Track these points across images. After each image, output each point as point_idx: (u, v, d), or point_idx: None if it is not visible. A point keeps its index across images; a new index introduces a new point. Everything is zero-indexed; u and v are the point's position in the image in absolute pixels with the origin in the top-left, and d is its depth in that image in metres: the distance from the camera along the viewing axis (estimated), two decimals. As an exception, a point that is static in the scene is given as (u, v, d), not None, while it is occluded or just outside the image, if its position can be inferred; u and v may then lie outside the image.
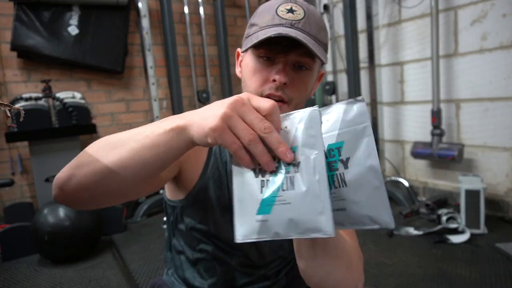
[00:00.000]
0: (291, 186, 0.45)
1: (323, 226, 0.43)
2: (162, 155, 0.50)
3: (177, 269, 0.85)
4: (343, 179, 0.45)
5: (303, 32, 0.63)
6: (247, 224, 0.46)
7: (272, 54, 0.65)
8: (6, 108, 0.57)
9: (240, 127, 0.45)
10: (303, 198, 0.45)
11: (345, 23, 2.79)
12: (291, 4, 0.66)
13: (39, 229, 1.91)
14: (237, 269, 0.80)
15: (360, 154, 0.45)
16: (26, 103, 2.29)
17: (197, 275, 0.82)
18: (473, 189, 2.03)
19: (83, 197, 0.53)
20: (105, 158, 0.51)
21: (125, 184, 0.52)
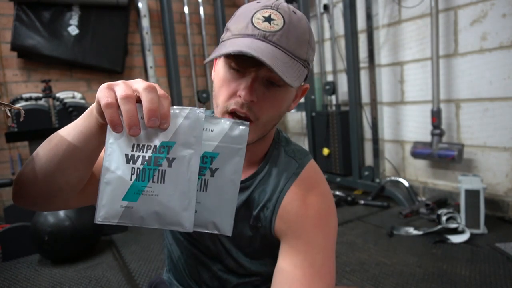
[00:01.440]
0: (161, 179, 0.48)
1: (185, 221, 0.48)
2: (81, 137, 0.52)
3: (171, 267, 0.86)
4: (206, 184, 0.50)
5: (276, 46, 0.58)
6: (111, 207, 0.48)
7: (241, 67, 0.60)
8: (6, 108, 0.57)
9: (121, 85, 0.47)
10: (171, 193, 0.48)
11: (345, 23, 2.79)
12: (270, 11, 0.59)
13: (39, 229, 1.91)
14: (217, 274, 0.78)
15: (228, 169, 0.51)
16: (26, 103, 2.29)
17: (184, 278, 0.82)
18: (473, 189, 2.03)
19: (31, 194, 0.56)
20: (42, 151, 0.55)
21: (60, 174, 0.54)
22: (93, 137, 0.52)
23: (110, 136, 0.49)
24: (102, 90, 0.47)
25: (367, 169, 2.87)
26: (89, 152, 0.54)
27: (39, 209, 0.62)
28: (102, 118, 0.49)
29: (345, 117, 2.98)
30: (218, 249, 0.76)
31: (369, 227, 2.26)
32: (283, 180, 0.70)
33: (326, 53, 3.35)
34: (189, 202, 0.48)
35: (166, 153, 0.48)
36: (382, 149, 2.97)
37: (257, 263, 0.77)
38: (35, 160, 0.55)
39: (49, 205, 0.60)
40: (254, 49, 0.55)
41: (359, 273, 1.71)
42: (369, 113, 2.94)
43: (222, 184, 0.51)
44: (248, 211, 0.71)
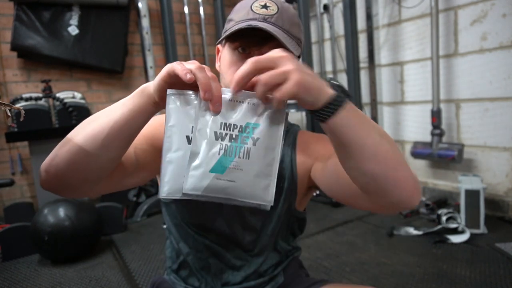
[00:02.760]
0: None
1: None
2: (130, 116, 0.55)
3: (174, 268, 0.85)
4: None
5: (275, 26, 0.66)
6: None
7: (246, 46, 0.68)
8: (6, 108, 0.57)
9: (190, 63, 0.53)
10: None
11: (345, 23, 2.79)
12: (265, 1, 0.69)
13: (39, 229, 1.91)
14: (230, 263, 0.80)
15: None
16: (26, 103, 2.29)
17: (192, 273, 0.82)
18: (473, 189, 2.03)
19: (67, 177, 0.57)
20: (81, 133, 0.56)
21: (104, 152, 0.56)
22: (141, 115, 0.56)
23: (171, 119, 0.54)
24: (173, 65, 0.52)
25: (367, 169, 2.87)
26: (136, 129, 0.58)
27: (67, 193, 0.61)
28: (160, 96, 0.54)
29: (345, 117, 2.98)
30: (234, 232, 0.79)
31: (369, 227, 2.26)
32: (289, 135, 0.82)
33: (326, 53, 3.35)
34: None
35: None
36: (382, 149, 2.96)
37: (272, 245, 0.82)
38: (74, 140, 0.56)
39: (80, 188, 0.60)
40: (257, 25, 0.63)
41: (359, 273, 1.71)
42: (369, 113, 2.94)
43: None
44: None
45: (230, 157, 0.52)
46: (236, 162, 0.52)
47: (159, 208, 2.75)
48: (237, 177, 0.52)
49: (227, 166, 0.52)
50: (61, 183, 0.58)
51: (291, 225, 0.85)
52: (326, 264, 1.80)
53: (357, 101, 2.84)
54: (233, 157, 0.52)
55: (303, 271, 0.90)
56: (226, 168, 0.52)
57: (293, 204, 0.81)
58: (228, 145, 0.53)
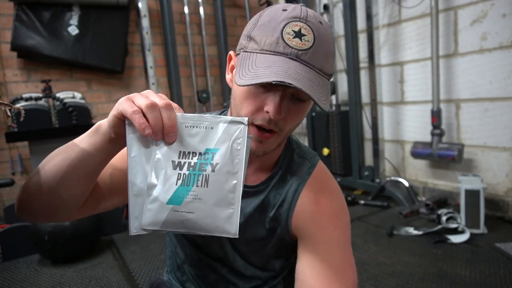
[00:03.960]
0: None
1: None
2: (85, 155, 0.55)
3: (173, 269, 0.85)
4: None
5: (308, 66, 0.57)
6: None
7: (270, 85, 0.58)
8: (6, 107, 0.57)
9: (141, 98, 0.50)
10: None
11: (345, 23, 2.79)
12: (300, 25, 0.57)
13: (39, 229, 1.91)
14: (226, 277, 0.78)
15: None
16: (26, 103, 2.29)
17: (188, 279, 0.82)
18: (473, 189, 2.03)
19: (34, 206, 0.59)
20: (43, 169, 0.56)
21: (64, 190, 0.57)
22: (97, 153, 0.55)
23: (132, 149, 0.51)
24: (122, 103, 0.50)
25: (367, 169, 2.87)
26: (93, 167, 0.57)
27: (42, 221, 0.66)
28: (115, 132, 0.52)
29: (345, 117, 2.98)
30: (226, 253, 0.76)
31: (369, 227, 2.26)
32: (297, 180, 0.72)
33: (326, 53, 3.35)
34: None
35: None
36: (382, 149, 2.96)
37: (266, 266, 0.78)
38: (39, 174, 0.57)
39: (52, 217, 0.62)
40: (291, 75, 0.54)
41: (359, 273, 1.70)
42: (369, 113, 2.94)
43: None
44: (263, 214, 0.72)
45: (188, 187, 0.49)
46: (194, 192, 0.49)
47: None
48: (196, 207, 0.49)
49: (185, 197, 0.49)
50: (33, 214, 0.61)
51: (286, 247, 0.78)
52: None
53: (357, 101, 2.85)
54: (191, 186, 0.49)
55: None
56: (183, 199, 0.49)
57: (287, 238, 0.74)
58: (186, 174, 0.49)
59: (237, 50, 0.66)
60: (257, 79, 0.55)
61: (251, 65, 0.58)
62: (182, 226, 0.49)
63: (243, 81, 0.56)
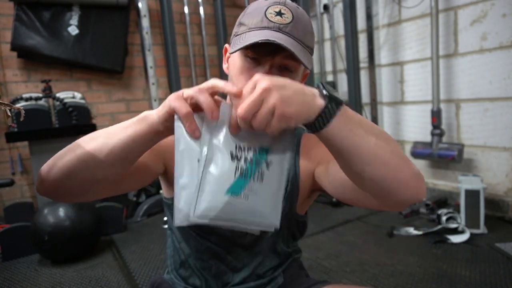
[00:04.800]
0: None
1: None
2: (130, 142, 0.57)
3: (175, 267, 0.85)
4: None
5: (290, 36, 0.65)
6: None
7: (258, 56, 0.66)
8: (6, 107, 0.58)
9: (192, 91, 0.53)
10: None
11: (345, 23, 2.79)
12: (280, 7, 0.67)
13: (39, 229, 1.91)
14: (231, 264, 0.80)
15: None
16: (26, 103, 2.29)
17: (193, 273, 0.82)
18: (473, 189, 2.03)
19: (64, 185, 0.59)
20: (82, 148, 0.58)
21: (98, 172, 0.58)
22: (142, 142, 0.58)
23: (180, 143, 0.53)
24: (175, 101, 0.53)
25: (367, 169, 2.87)
26: (135, 153, 0.59)
27: (67, 200, 0.65)
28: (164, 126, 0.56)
29: (345, 117, 2.98)
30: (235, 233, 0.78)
31: (369, 227, 2.26)
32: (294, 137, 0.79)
33: (326, 53, 3.35)
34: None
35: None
36: (382, 149, 2.96)
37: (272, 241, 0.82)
38: (73, 154, 0.57)
39: (79, 196, 0.63)
40: (275, 38, 0.62)
41: (359, 273, 1.71)
42: (369, 113, 2.94)
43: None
44: None
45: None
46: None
47: (159, 208, 2.75)
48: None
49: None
50: (58, 191, 0.61)
51: (291, 227, 0.85)
52: (326, 264, 1.80)
53: (357, 101, 2.85)
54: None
55: (303, 272, 0.90)
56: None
57: (294, 207, 0.81)
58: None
59: (230, 40, 0.74)
60: (245, 43, 0.63)
61: (241, 39, 0.66)
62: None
63: (234, 48, 0.66)
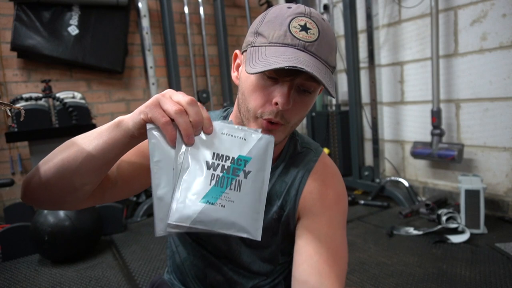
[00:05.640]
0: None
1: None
2: (105, 148, 0.56)
3: (174, 269, 0.85)
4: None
5: (315, 57, 0.60)
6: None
7: (278, 75, 0.61)
8: (6, 107, 0.58)
9: (169, 102, 0.51)
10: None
11: (345, 23, 2.79)
12: (305, 20, 0.61)
13: (39, 229, 1.91)
14: (228, 275, 0.78)
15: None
16: (26, 103, 2.29)
17: (188, 279, 0.82)
18: (473, 189, 2.03)
19: (44, 194, 0.59)
20: (58, 157, 0.57)
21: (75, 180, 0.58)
22: (117, 148, 0.56)
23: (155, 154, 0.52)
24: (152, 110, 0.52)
25: (367, 169, 2.87)
26: (110, 159, 0.58)
27: (49, 208, 0.65)
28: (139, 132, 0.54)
29: (345, 117, 2.98)
30: (231, 248, 0.76)
31: (369, 227, 2.26)
32: (304, 167, 0.75)
33: (326, 53, 3.35)
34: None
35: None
36: (382, 149, 2.96)
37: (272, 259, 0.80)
38: (52, 161, 0.58)
39: (60, 204, 0.63)
40: (301, 62, 0.57)
41: (359, 273, 1.71)
42: (369, 113, 2.94)
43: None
44: (270, 204, 0.74)
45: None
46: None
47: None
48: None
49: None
50: (39, 200, 0.61)
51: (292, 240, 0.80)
52: (326, 264, 1.80)
53: (357, 101, 2.85)
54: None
55: None
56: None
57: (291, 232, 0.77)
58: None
59: (243, 48, 0.68)
60: (269, 66, 0.56)
61: (261, 55, 0.60)
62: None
63: (254, 69, 0.58)
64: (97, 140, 0.56)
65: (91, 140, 0.56)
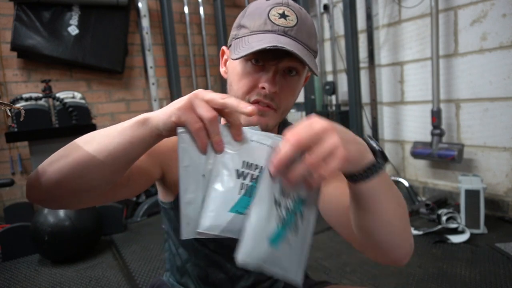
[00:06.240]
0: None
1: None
2: (128, 146, 0.52)
3: (173, 271, 0.85)
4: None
5: (295, 40, 0.62)
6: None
7: (262, 61, 0.63)
8: (6, 107, 0.57)
9: (204, 106, 0.48)
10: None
11: (345, 23, 2.79)
12: (283, 8, 0.64)
13: (39, 229, 1.91)
14: (230, 272, 0.79)
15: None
16: (26, 103, 2.29)
17: (190, 280, 0.81)
18: (473, 189, 2.03)
19: (55, 193, 0.54)
20: (75, 153, 0.53)
21: (94, 179, 0.54)
22: (142, 146, 0.53)
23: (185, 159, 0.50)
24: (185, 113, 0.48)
25: (367, 169, 2.87)
26: (133, 157, 0.54)
27: (57, 207, 0.61)
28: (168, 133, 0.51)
29: (345, 117, 2.98)
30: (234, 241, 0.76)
31: (369, 227, 2.26)
32: None
33: (326, 53, 3.35)
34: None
35: None
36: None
37: None
38: (65, 160, 0.53)
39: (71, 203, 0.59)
40: (280, 42, 0.59)
41: (359, 273, 1.71)
42: (369, 113, 2.94)
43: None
44: None
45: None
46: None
47: (159, 208, 2.75)
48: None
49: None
50: (48, 199, 0.57)
51: None
52: (326, 264, 1.80)
53: (357, 101, 2.84)
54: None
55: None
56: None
57: None
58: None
59: (228, 43, 0.70)
60: (252, 49, 0.59)
61: (244, 43, 0.63)
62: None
63: (238, 54, 0.61)
64: (120, 138, 0.52)
65: (113, 138, 0.52)
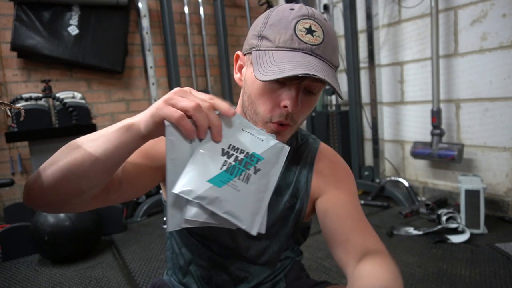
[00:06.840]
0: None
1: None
2: (114, 150, 0.54)
3: (175, 271, 0.85)
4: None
5: (322, 59, 0.61)
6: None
7: (286, 79, 0.61)
8: (6, 107, 0.58)
9: (183, 101, 0.50)
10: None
11: (345, 23, 2.79)
12: (310, 22, 0.61)
13: (39, 229, 1.91)
14: (234, 274, 0.79)
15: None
16: (26, 103, 2.29)
17: (193, 280, 0.81)
18: (473, 189, 2.03)
19: (48, 198, 0.57)
20: (64, 159, 0.55)
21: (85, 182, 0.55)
22: (127, 150, 0.55)
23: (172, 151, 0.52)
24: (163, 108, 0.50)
25: (367, 169, 2.87)
26: (119, 161, 0.56)
27: (53, 211, 0.62)
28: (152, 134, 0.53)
29: (345, 117, 2.98)
30: (238, 246, 0.77)
31: (369, 227, 2.26)
32: (308, 154, 0.79)
33: (326, 53, 3.35)
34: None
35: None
36: (382, 149, 2.96)
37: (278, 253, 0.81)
38: (55, 166, 0.55)
39: (65, 207, 0.60)
40: (311, 67, 0.58)
41: (359, 273, 1.71)
42: (369, 113, 2.94)
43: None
44: (280, 195, 0.76)
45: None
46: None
47: (159, 208, 2.75)
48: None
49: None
50: (43, 204, 0.59)
51: (297, 236, 0.85)
52: (326, 264, 1.80)
53: (357, 101, 2.85)
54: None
55: (304, 274, 0.90)
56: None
57: (301, 221, 0.81)
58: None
59: (245, 49, 0.68)
60: (281, 74, 0.57)
61: (269, 61, 0.60)
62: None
63: (266, 76, 0.59)
64: (106, 144, 0.54)
65: (99, 145, 0.54)
